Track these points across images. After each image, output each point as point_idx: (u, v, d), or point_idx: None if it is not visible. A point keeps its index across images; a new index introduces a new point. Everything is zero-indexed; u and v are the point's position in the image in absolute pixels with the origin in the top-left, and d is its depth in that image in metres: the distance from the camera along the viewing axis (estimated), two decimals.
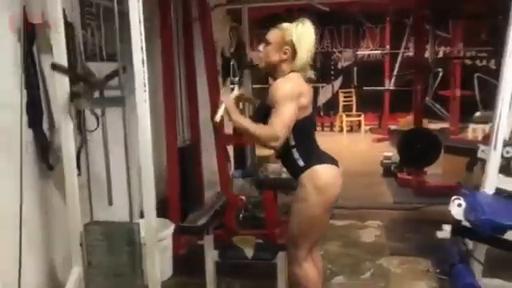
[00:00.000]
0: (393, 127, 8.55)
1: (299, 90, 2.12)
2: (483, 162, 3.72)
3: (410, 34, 8.72)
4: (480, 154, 3.67)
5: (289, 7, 6.08)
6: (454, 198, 2.41)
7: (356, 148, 8.15)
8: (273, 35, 2.22)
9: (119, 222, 2.59)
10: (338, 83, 9.66)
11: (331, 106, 9.57)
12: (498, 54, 8.63)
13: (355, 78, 9.30)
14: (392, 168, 5.55)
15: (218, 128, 3.72)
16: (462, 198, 2.39)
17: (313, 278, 2.29)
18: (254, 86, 5.29)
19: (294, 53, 2.16)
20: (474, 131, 7.54)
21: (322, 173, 2.17)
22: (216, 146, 3.77)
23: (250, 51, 4.88)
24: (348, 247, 3.68)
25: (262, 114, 2.18)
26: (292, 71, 2.18)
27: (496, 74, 9.18)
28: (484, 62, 9.12)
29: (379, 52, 9.24)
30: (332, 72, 9.62)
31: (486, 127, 7.39)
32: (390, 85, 8.85)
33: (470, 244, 2.60)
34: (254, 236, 2.93)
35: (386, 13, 8.48)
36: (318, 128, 8.75)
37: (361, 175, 5.58)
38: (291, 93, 2.08)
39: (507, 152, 3.20)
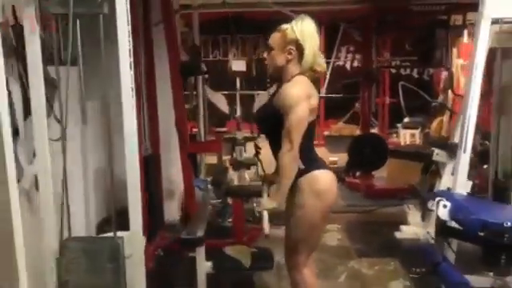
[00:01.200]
0: (326, 133, 8.85)
1: (308, 91, 2.12)
2: (438, 164, 3.99)
3: (340, 44, 9.10)
4: (435, 157, 3.92)
5: (223, 14, 6.06)
6: (438, 199, 2.52)
7: None
8: (274, 39, 2.20)
9: (100, 237, 2.42)
10: (272, 90, 9.78)
11: None
12: (421, 63, 9.30)
13: None
14: (339, 173, 5.73)
15: (183, 136, 3.61)
16: (445, 199, 2.50)
17: (313, 284, 2.29)
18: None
19: (300, 51, 2.15)
20: (404, 136, 8.00)
21: (322, 178, 2.18)
22: (181, 155, 3.65)
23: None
24: (315, 252, 3.71)
25: (269, 114, 2.17)
26: (299, 73, 2.16)
27: (418, 82, 9.90)
28: (408, 71, 9.73)
29: None
30: (268, 79, 9.73)
31: (416, 132, 7.92)
32: (323, 92, 9.13)
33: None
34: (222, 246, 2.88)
35: (320, 22, 8.74)
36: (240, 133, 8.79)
37: None
38: (300, 95, 2.08)
39: None
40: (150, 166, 3.66)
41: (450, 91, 7.21)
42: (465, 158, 2.89)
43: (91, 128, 2.70)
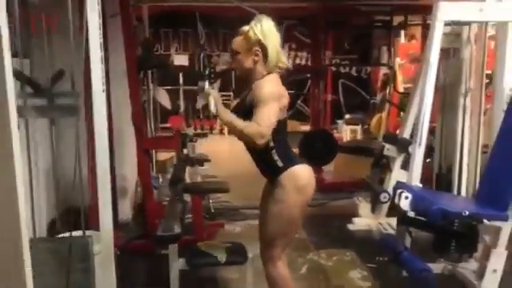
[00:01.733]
0: None
1: (280, 90, 2.15)
2: (388, 159, 4.18)
3: (283, 42, 9.23)
4: (386, 152, 4.11)
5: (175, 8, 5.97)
6: (399, 191, 2.65)
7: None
8: (238, 43, 2.20)
9: (68, 237, 2.32)
10: (216, 86, 9.77)
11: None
12: (360, 61, 9.64)
13: (233, 82, 9.51)
14: None
15: (139, 131, 3.52)
16: (406, 191, 2.64)
17: (287, 275, 2.33)
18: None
19: (264, 51, 2.17)
20: (346, 132, 8.29)
21: (302, 173, 2.21)
22: (137, 151, 3.56)
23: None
24: None
25: (242, 114, 2.15)
26: (269, 73, 2.18)
27: (357, 80, 10.27)
28: (347, 69, 10.08)
29: None
30: (212, 75, 9.69)
31: (357, 128, 8.22)
32: None
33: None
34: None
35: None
36: (199, 131, 8.75)
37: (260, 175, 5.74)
38: (274, 93, 2.11)
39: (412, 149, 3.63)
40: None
41: (388, 88, 7.61)
42: (420, 152, 3.05)
43: (37, 124, 2.59)
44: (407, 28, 6.20)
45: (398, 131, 7.18)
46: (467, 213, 2.38)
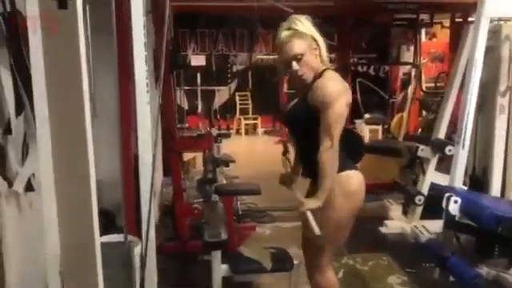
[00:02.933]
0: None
1: (344, 86, 2.06)
2: (421, 160, 4.07)
3: None
4: (420, 153, 4.00)
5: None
6: (447, 195, 2.56)
7: (266, 150, 8.32)
8: (297, 46, 2.04)
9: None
10: (233, 86, 9.74)
11: (227, 109, 9.59)
12: (379, 60, 9.52)
13: (250, 82, 9.45)
14: None
15: (170, 133, 3.46)
16: (454, 195, 2.54)
17: (336, 284, 2.24)
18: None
19: (318, 46, 2.08)
20: (365, 132, 8.18)
21: (353, 179, 2.12)
22: (170, 153, 3.49)
23: None
24: None
25: (303, 113, 2.08)
26: (326, 69, 2.09)
27: (375, 79, 10.16)
28: (365, 69, 9.96)
29: (273, 57, 9.51)
30: (228, 75, 9.65)
31: (378, 128, 8.11)
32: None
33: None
34: None
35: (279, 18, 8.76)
36: (222, 131, 8.67)
37: None
38: (339, 90, 2.01)
39: (449, 150, 3.54)
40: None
41: (412, 87, 7.50)
42: (463, 153, 2.95)
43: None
44: (432, 26, 6.08)
45: (419, 131, 7.15)
46: None
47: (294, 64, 2.04)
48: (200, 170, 5.40)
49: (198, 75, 8.73)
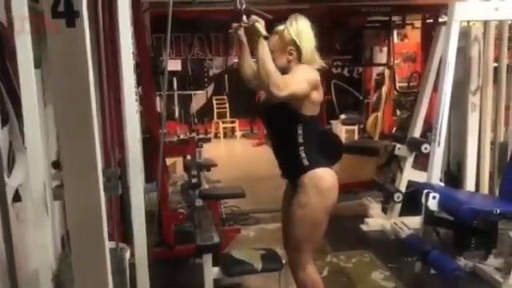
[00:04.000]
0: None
1: (314, 77, 2.14)
2: (398, 158, 4.19)
3: None
4: (397, 152, 4.12)
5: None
6: (426, 191, 2.66)
7: (245, 153, 8.39)
8: (272, 42, 2.18)
9: None
10: (210, 90, 9.76)
11: (205, 113, 9.61)
12: (353, 62, 9.67)
13: (227, 85, 9.49)
14: None
15: (155, 139, 3.48)
16: (432, 191, 2.65)
17: (318, 280, 2.31)
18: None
19: (299, 50, 2.17)
20: (342, 132, 8.32)
21: (325, 176, 2.18)
22: (155, 159, 3.50)
23: None
24: None
25: (274, 104, 2.14)
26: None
27: (349, 80, 10.32)
28: (339, 70, 10.11)
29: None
30: (205, 79, 9.67)
31: (354, 128, 8.26)
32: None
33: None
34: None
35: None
36: (203, 136, 8.68)
37: (265, 178, 5.71)
38: (307, 75, 2.11)
39: (425, 148, 3.66)
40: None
41: (385, 87, 7.68)
42: (439, 151, 3.07)
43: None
44: (404, 27, 6.25)
45: (394, 130, 7.32)
46: (498, 211, 2.40)
47: None
48: (181, 175, 5.44)
49: (175, 80, 8.71)
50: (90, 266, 1.18)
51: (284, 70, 2.18)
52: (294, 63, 2.19)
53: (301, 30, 2.17)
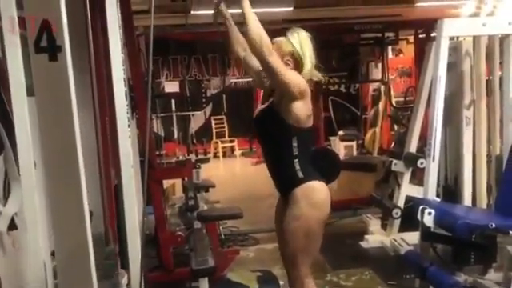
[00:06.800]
0: None
1: (306, 85, 2.16)
2: (395, 174, 4.20)
3: None
4: (393, 167, 4.13)
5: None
6: (421, 207, 2.66)
7: (244, 172, 8.40)
8: None
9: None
10: (208, 110, 9.82)
11: (203, 133, 9.65)
12: (349, 78, 9.75)
13: (225, 105, 9.55)
14: None
15: (151, 162, 3.49)
16: (428, 207, 2.64)
17: None
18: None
19: (296, 62, 2.20)
20: (340, 148, 8.33)
21: (318, 189, 2.20)
22: (149, 182, 3.51)
23: None
24: None
25: (268, 116, 2.20)
26: None
27: (347, 96, 10.38)
28: (336, 87, 10.17)
29: (246, 80, 9.64)
30: (203, 99, 9.74)
31: (352, 144, 8.27)
32: None
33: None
34: None
35: None
36: (201, 157, 8.70)
37: (264, 197, 5.71)
38: (301, 78, 2.15)
39: (421, 163, 3.67)
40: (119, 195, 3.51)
41: (382, 103, 7.71)
42: (434, 166, 3.07)
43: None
44: (398, 43, 6.32)
45: (392, 144, 7.33)
46: (493, 225, 2.39)
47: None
48: (180, 197, 5.44)
49: (173, 101, 8.77)
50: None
51: None
52: None
53: (303, 42, 2.20)
